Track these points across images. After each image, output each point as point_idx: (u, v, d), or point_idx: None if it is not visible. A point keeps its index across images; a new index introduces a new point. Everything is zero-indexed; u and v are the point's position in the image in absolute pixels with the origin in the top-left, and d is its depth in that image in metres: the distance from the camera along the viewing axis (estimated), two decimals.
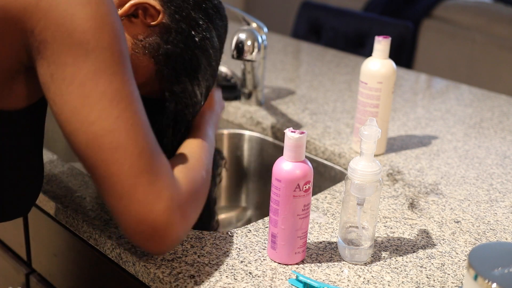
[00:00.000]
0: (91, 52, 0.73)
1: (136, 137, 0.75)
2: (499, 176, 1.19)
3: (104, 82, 0.74)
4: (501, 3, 3.34)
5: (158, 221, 0.75)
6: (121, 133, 0.74)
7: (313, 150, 1.32)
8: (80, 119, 0.74)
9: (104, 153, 0.74)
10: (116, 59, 0.75)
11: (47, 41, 0.73)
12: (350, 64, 1.88)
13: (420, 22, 3.24)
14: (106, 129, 0.74)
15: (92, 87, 0.73)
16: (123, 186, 0.74)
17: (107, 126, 0.74)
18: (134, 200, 0.74)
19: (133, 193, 0.74)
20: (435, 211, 1.05)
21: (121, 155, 0.74)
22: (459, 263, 0.91)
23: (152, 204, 0.75)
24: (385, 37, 1.18)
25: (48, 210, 1.05)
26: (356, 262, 0.89)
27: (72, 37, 0.72)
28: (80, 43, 0.73)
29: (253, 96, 1.48)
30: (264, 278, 0.85)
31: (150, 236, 0.76)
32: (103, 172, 0.75)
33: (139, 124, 0.76)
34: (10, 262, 1.24)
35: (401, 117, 1.47)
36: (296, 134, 0.82)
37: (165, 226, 0.76)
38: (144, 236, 0.76)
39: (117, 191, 0.75)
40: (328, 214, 1.02)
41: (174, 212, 0.77)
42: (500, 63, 3.03)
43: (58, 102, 0.75)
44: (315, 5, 2.49)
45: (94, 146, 0.74)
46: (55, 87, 0.74)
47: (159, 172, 0.76)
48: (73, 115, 0.74)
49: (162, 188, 0.76)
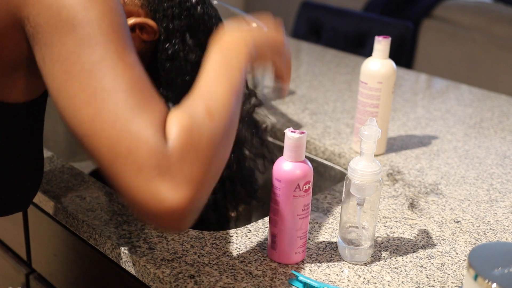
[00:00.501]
0: (77, 26, 0.70)
1: (115, 105, 0.67)
2: (499, 176, 1.19)
3: (85, 54, 0.69)
4: (501, 3, 3.33)
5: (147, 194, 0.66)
6: (104, 102, 0.67)
7: (313, 150, 1.32)
8: (64, 96, 0.70)
9: (84, 126, 0.68)
10: (104, 30, 0.70)
11: (40, 24, 0.72)
12: (350, 64, 1.88)
13: (420, 22, 3.24)
14: (85, 101, 0.68)
15: (74, 60, 0.69)
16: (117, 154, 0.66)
17: (85, 98, 0.68)
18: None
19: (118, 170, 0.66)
20: (435, 211, 1.05)
21: (98, 126, 0.67)
22: (459, 263, 0.91)
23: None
24: (385, 37, 1.18)
25: (48, 210, 1.05)
26: (356, 262, 0.89)
27: (60, 15, 0.70)
28: (66, 20, 0.70)
29: None
30: (264, 278, 0.85)
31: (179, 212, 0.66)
32: (90, 146, 0.69)
33: (123, 91, 0.68)
34: (10, 262, 1.24)
35: (401, 117, 1.47)
36: (296, 134, 0.82)
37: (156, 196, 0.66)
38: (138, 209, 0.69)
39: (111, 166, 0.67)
40: (328, 214, 1.02)
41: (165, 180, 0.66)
42: (500, 63, 3.03)
43: (49, 84, 0.72)
44: (315, 5, 2.49)
45: (77, 123, 0.69)
46: (47, 69, 0.72)
47: (139, 135, 0.66)
48: (59, 93, 0.70)
49: (142, 152, 0.66)
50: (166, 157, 0.65)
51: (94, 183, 1.08)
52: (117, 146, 0.66)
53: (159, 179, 0.65)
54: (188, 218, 0.67)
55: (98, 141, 0.67)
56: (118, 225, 0.96)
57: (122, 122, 0.67)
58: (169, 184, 0.65)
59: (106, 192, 1.05)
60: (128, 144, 0.66)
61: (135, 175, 0.65)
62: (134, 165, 0.65)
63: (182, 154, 0.67)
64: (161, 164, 0.65)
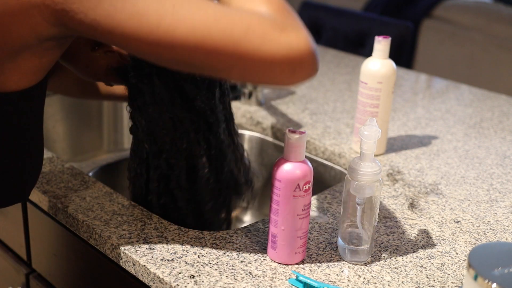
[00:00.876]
0: None
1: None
2: (499, 176, 1.19)
3: None
4: (501, 3, 3.33)
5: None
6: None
7: (313, 150, 1.32)
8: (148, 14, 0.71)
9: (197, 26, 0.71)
10: None
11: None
12: (350, 64, 1.88)
13: (420, 22, 3.24)
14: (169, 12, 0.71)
15: None
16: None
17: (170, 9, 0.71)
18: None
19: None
20: (435, 211, 1.05)
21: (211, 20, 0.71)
22: (459, 263, 0.91)
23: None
24: (385, 37, 1.18)
25: (48, 210, 1.05)
26: (356, 262, 0.89)
27: None
28: None
29: (253, 96, 1.48)
30: (264, 278, 0.85)
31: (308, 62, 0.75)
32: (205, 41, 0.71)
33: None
34: (10, 262, 1.24)
35: (401, 117, 1.47)
36: (296, 134, 0.82)
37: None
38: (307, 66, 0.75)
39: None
40: (328, 214, 1.02)
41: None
42: (500, 63, 3.03)
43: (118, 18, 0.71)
44: (315, 5, 2.49)
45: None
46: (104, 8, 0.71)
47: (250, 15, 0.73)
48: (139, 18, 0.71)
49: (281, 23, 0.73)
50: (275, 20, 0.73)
51: (94, 183, 1.08)
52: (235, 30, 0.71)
53: (284, 34, 0.71)
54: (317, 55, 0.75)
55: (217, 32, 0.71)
56: (118, 225, 0.96)
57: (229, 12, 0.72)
58: (291, 34, 0.72)
59: (106, 192, 1.05)
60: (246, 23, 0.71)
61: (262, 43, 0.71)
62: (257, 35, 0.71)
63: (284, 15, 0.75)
64: (276, 26, 0.72)
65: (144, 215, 0.99)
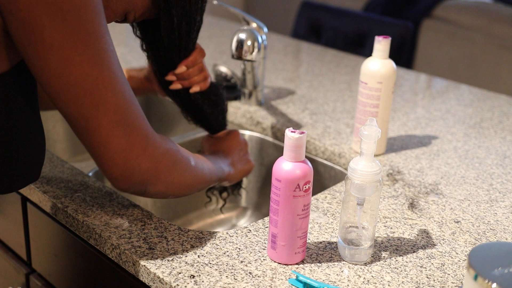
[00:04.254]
0: (66, 13, 0.75)
1: (114, 94, 0.81)
2: (499, 176, 1.19)
3: (82, 44, 0.77)
4: (501, 3, 3.33)
5: (128, 166, 0.84)
6: (100, 92, 0.80)
7: (313, 150, 1.32)
8: (62, 82, 0.78)
9: (85, 110, 0.80)
10: (89, 17, 0.77)
11: (20, 1, 0.74)
12: (350, 64, 1.88)
13: (420, 22, 3.24)
14: (87, 89, 0.79)
15: (71, 49, 0.76)
16: (101, 137, 0.82)
17: (87, 87, 0.79)
18: (110, 149, 0.83)
19: (109, 143, 0.83)
20: (435, 211, 1.05)
21: (100, 111, 0.81)
22: (459, 263, 0.91)
23: (125, 152, 0.83)
24: (385, 37, 1.18)
25: (48, 210, 1.05)
26: (356, 262, 0.89)
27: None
28: (54, 2, 0.74)
29: (253, 96, 1.48)
30: (264, 278, 0.85)
31: (120, 177, 0.85)
32: (83, 125, 0.82)
33: (117, 81, 0.82)
34: (10, 262, 1.24)
35: (401, 117, 1.47)
36: (296, 134, 0.82)
37: (133, 170, 0.85)
38: (115, 176, 0.86)
39: (96, 141, 0.83)
40: (328, 214, 1.02)
41: (144, 159, 0.85)
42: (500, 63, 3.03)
43: (38, 65, 0.77)
44: (315, 5, 2.49)
45: (76, 105, 0.80)
46: (33, 50, 0.76)
47: (134, 125, 0.84)
48: (54, 78, 0.78)
49: (136, 139, 0.84)
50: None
51: (94, 183, 1.08)
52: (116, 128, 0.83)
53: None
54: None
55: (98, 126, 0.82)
56: (118, 225, 0.96)
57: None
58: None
59: (106, 192, 1.05)
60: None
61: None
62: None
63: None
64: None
65: (144, 215, 0.99)
